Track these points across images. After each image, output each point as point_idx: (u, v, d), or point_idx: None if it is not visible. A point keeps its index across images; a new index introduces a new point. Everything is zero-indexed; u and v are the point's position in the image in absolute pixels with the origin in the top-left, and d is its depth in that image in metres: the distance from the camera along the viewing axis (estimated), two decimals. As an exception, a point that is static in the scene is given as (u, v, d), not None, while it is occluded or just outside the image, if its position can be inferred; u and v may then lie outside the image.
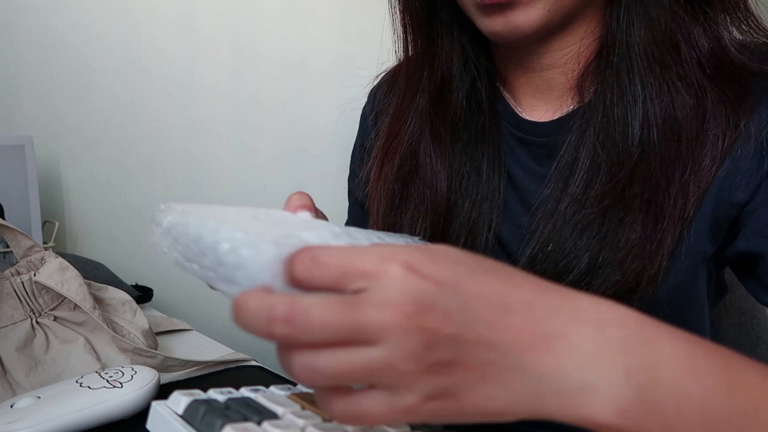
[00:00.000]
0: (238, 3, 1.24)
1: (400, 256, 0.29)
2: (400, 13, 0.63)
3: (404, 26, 0.63)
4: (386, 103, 0.72)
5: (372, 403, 0.29)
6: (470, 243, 0.61)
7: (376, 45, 0.76)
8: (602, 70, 0.55)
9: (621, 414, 0.30)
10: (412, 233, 0.62)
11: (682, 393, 0.32)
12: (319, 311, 0.28)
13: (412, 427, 0.42)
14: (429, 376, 0.28)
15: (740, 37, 0.54)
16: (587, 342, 0.31)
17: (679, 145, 0.52)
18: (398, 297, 0.28)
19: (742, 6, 0.53)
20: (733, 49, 0.52)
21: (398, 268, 0.29)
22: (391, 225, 0.64)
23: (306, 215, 0.42)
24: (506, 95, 0.63)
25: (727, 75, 0.52)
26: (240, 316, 0.29)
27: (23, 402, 0.53)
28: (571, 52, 0.57)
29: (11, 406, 0.52)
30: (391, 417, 0.29)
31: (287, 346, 0.29)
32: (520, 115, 0.62)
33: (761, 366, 0.35)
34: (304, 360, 0.28)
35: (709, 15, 0.52)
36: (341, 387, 0.30)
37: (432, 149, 0.62)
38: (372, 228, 0.65)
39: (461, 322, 0.29)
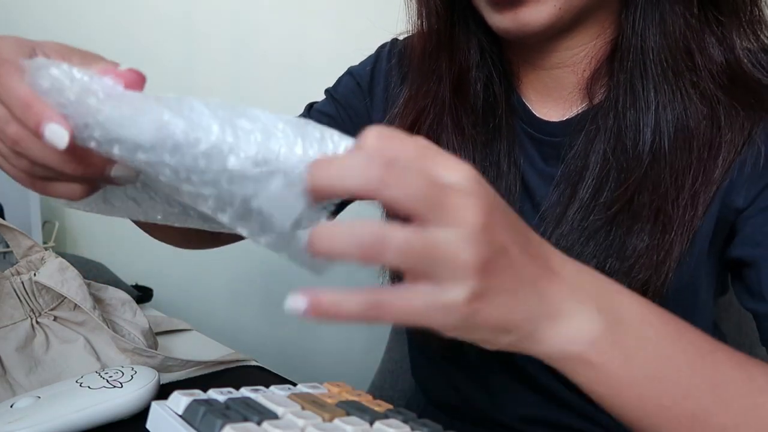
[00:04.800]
0: (237, 3, 1.24)
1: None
2: (416, 5, 0.62)
3: (420, 17, 0.62)
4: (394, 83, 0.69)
5: (415, 294, 0.31)
6: None
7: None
8: (615, 74, 0.55)
9: (592, 343, 0.35)
10: None
11: (639, 334, 0.37)
12: (412, 174, 0.29)
13: (412, 427, 0.42)
14: (477, 274, 0.30)
15: (753, 47, 0.53)
16: (572, 279, 0.36)
17: (690, 154, 0.51)
18: (481, 192, 0.31)
19: (757, 16, 0.52)
20: (745, 59, 0.51)
21: (476, 172, 0.32)
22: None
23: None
24: (518, 91, 0.62)
25: (740, 85, 0.51)
26: (327, 169, 0.30)
27: (23, 402, 0.53)
28: (582, 52, 0.56)
29: (11, 406, 0.52)
30: (428, 311, 0.31)
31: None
32: (533, 111, 0.61)
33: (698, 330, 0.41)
34: (395, 232, 0.30)
35: (723, 23, 0.52)
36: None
37: (455, 141, 0.61)
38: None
39: (511, 236, 0.33)
